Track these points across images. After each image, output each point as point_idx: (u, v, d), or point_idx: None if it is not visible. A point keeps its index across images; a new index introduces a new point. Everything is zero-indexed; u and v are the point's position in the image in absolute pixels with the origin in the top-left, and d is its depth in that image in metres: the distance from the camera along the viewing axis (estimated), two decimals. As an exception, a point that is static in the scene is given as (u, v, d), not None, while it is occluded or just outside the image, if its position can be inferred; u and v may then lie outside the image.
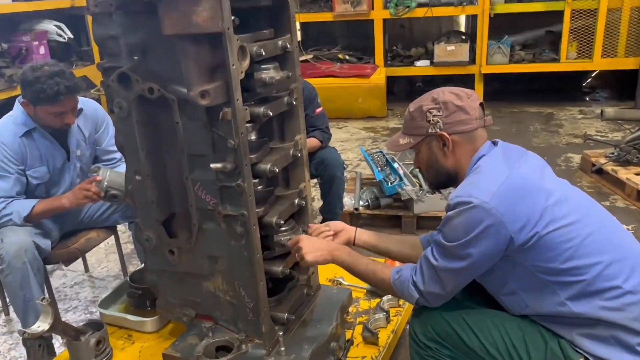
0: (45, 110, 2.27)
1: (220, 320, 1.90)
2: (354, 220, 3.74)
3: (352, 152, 5.36)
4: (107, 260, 3.44)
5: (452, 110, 1.59)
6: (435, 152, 1.64)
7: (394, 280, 1.66)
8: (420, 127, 1.63)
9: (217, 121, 1.59)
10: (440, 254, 1.54)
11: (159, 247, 1.86)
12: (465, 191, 1.50)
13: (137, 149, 1.73)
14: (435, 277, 1.56)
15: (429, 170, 1.70)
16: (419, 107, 1.63)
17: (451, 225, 1.51)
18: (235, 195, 1.67)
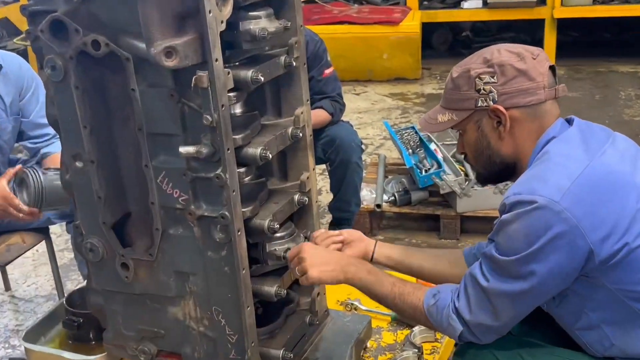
0: None
1: (191, 359, 1.91)
2: (374, 220, 3.76)
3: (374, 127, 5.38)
4: (36, 274, 3.48)
5: (511, 76, 1.58)
6: (487, 132, 1.64)
7: (428, 306, 1.66)
8: (466, 98, 1.63)
9: (188, 89, 1.59)
10: (492, 271, 1.55)
11: (108, 259, 1.87)
12: (527, 186, 1.51)
13: (77, 126, 1.74)
14: (485, 303, 1.57)
15: (477, 158, 1.70)
16: (466, 71, 1.63)
17: (507, 232, 1.51)
18: (213, 189, 1.67)
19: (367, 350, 2.25)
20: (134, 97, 1.66)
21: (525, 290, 1.52)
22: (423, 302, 1.67)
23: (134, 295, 1.89)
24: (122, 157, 1.80)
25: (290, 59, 1.83)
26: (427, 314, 1.66)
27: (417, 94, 6.13)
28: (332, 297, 2.44)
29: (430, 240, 3.63)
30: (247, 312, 1.77)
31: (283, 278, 1.94)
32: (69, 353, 2.20)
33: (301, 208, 2.00)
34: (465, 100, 1.63)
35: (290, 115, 1.94)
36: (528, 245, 1.48)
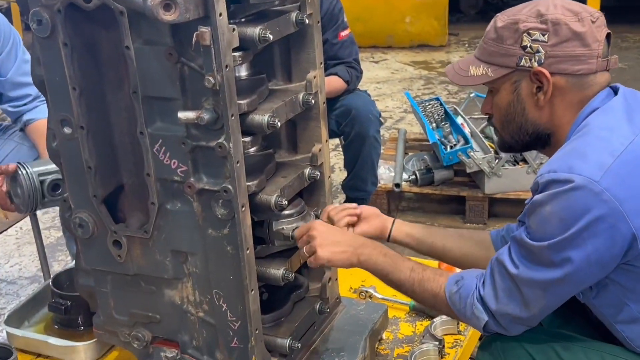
0: None
1: (189, 347, 1.92)
2: (393, 201, 3.77)
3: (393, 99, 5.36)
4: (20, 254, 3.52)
5: (564, 37, 1.56)
6: (524, 97, 1.63)
7: (450, 293, 1.67)
8: (508, 53, 1.61)
9: (188, 47, 1.59)
10: (522, 257, 1.55)
11: (99, 236, 1.88)
12: (563, 163, 1.49)
13: (66, 87, 1.74)
14: (514, 292, 1.57)
15: (506, 124, 1.69)
16: (514, 22, 1.60)
17: (540, 215, 1.50)
18: (215, 160, 1.67)
19: (382, 342, 2.26)
20: (128, 55, 1.66)
21: (559, 278, 1.51)
22: (445, 288, 1.68)
23: (127, 276, 1.90)
24: (114, 123, 1.80)
25: (303, 15, 1.82)
26: (449, 301, 1.67)
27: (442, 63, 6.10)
28: (345, 284, 2.45)
29: (454, 224, 3.64)
30: (251, 297, 1.78)
31: (291, 260, 1.95)
32: (55, 339, 2.25)
33: (312, 183, 2.00)
34: (507, 56, 1.61)
35: (302, 80, 1.94)
36: (563, 230, 1.47)
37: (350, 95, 3.37)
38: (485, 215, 3.60)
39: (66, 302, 2.31)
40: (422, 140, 4.11)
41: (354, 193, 3.54)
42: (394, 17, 6.29)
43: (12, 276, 3.36)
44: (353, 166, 3.45)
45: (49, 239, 3.49)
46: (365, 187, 3.50)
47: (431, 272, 1.73)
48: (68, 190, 1.88)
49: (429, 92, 5.33)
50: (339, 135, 3.46)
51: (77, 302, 2.26)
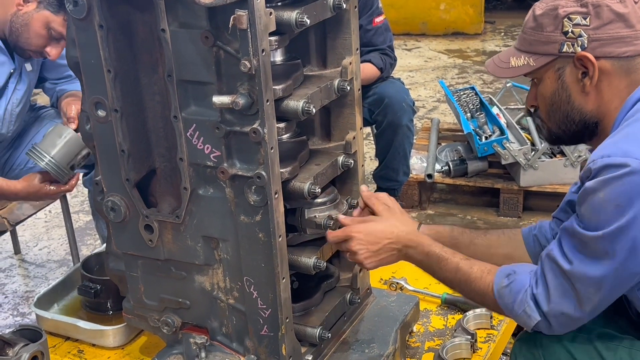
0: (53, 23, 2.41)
1: (218, 334, 1.94)
2: (424, 192, 3.76)
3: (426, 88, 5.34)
4: (48, 237, 3.56)
5: (607, 20, 1.54)
6: (569, 84, 1.61)
7: (499, 287, 1.64)
8: (549, 41, 1.60)
9: (224, 31, 1.60)
10: (575, 251, 1.52)
11: (131, 220, 1.90)
12: (617, 148, 1.47)
13: (101, 70, 1.76)
14: (567, 289, 1.54)
15: (552, 113, 1.67)
16: (553, 8, 1.59)
17: (594, 202, 1.48)
18: (249, 146, 1.69)
19: (413, 334, 2.26)
20: (164, 38, 1.67)
21: (616, 269, 1.49)
22: (493, 284, 1.65)
23: (158, 261, 1.93)
24: (148, 106, 1.82)
25: (340, 0, 1.82)
26: (497, 295, 1.64)
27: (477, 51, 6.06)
28: (376, 275, 2.45)
29: (487, 217, 3.62)
30: (282, 285, 1.79)
31: (323, 249, 1.96)
32: (84, 322, 2.28)
33: (345, 172, 2.01)
34: (548, 44, 1.60)
35: (337, 66, 1.94)
36: (619, 216, 1.45)
37: (383, 83, 3.37)
38: (520, 208, 3.58)
39: (96, 286, 2.34)
40: (455, 130, 4.09)
41: (385, 183, 3.54)
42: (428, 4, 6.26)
43: (41, 259, 3.41)
44: (385, 156, 3.45)
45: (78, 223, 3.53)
46: (397, 177, 3.50)
47: (478, 269, 1.70)
48: (101, 173, 1.90)
49: (464, 82, 5.30)
50: (371, 124, 3.46)
51: (107, 286, 2.30)
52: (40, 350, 2.08)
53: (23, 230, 3.50)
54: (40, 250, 3.46)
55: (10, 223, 2.66)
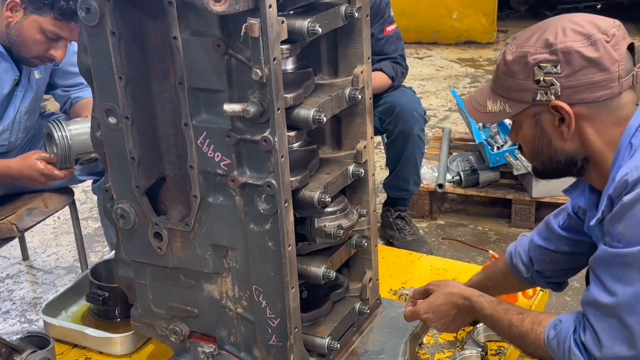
0: (44, 25, 2.41)
1: (226, 343, 1.95)
2: (435, 202, 3.76)
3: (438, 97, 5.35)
4: (57, 243, 3.58)
5: (578, 66, 1.49)
6: (548, 130, 1.58)
7: (549, 339, 1.62)
8: (522, 89, 1.56)
9: (236, 39, 1.61)
10: (616, 279, 1.47)
11: (140, 227, 1.91)
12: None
13: (112, 77, 1.77)
14: (616, 327, 1.48)
15: (535, 155, 1.65)
16: (522, 55, 1.55)
17: (634, 217, 1.43)
18: (259, 154, 1.69)
19: (422, 346, 2.26)
20: (176, 46, 1.68)
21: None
22: (544, 337, 1.64)
23: (167, 269, 1.93)
24: (159, 114, 1.83)
25: (352, 9, 1.83)
26: (549, 348, 1.63)
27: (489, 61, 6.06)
28: (385, 285, 2.45)
29: (499, 228, 3.62)
30: (291, 294, 1.79)
31: (332, 259, 1.96)
32: (92, 330, 2.29)
33: (356, 181, 2.01)
34: (522, 92, 1.56)
35: (348, 75, 1.94)
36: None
37: (394, 92, 3.37)
38: (532, 219, 3.57)
39: (104, 293, 2.35)
40: (467, 140, 4.09)
41: (395, 192, 3.55)
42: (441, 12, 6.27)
43: (49, 266, 3.43)
44: (395, 165, 3.45)
45: (86, 230, 3.55)
46: (408, 187, 3.50)
47: (529, 322, 1.69)
48: (111, 180, 1.91)
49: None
50: (382, 133, 3.46)
51: (115, 294, 2.30)
52: (47, 357, 2.09)
53: (31, 237, 3.52)
54: (48, 257, 3.47)
55: (19, 229, 2.67)
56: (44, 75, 2.69)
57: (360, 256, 2.12)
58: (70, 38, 2.49)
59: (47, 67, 2.69)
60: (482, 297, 1.84)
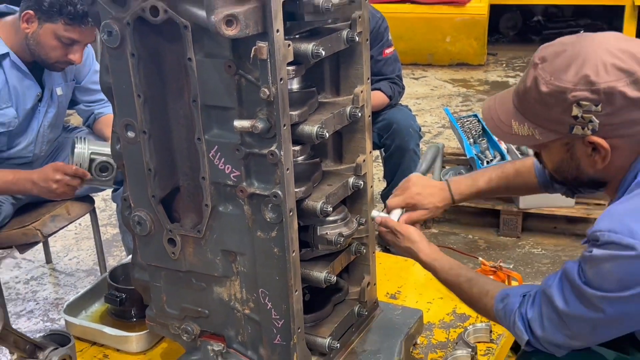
0: (58, 31, 2.41)
1: (234, 342, 1.95)
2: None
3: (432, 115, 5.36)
4: (78, 248, 3.59)
5: (620, 106, 1.40)
6: (579, 157, 1.51)
7: (497, 310, 1.69)
8: (558, 121, 1.45)
9: (246, 60, 1.62)
10: (574, 296, 1.49)
11: (155, 234, 1.92)
12: (624, 226, 1.40)
13: (131, 94, 1.78)
14: (561, 325, 1.53)
15: (559, 173, 1.59)
16: (560, 92, 1.42)
17: (599, 269, 1.43)
18: (266, 167, 1.70)
19: (416, 346, 2.26)
20: (190, 67, 1.69)
21: (609, 321, 1.47)
22: (493, 307, 1.70)
23: (180, 272, 1.94)
24: (174, 129, 1.84)
25: (353, 33, 1.84)
26: (497, 317, 1.69)
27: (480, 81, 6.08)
28: (382, 289, 2.45)
29: (488, 236, 3.62)
30: (295, 297, 1.80)
31: (333, 264, 1.96)
32: (110, 328, 2.29)
33: (355, 192, 2.02)
34: (557, 123, 1.46)
35: (349, 94, 1.95)
36: (620, 290, 1.41)
37: (392, 110, 3.38)
38: (519, 229, 3.57)
39: (121, 295, 2.36)
40: (459, 154, 4.09)
41: (392, 203, 3.54)
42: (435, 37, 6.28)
43: (70, 269, 3.43)
44: (392, 177, 3.46)
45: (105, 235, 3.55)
46: (404, 198, 3.50)
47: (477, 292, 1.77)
48: (129, 190, 1.92)
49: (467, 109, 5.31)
50: (380, 148, 3.47)
51: (132, 295, 2.31)
52: (68, 354, 2.09)
53: (54, 242, 3.53)
54: (70, 260, 3.48)
55: (43, 234, 2.68)
56: (66, 92, 2.70)
57: (359, 262, 2.13)
58: (84, 41, 2.49)
59: (69, 84, 2.70)
60: (435, 261, 1.88)
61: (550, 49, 1.48)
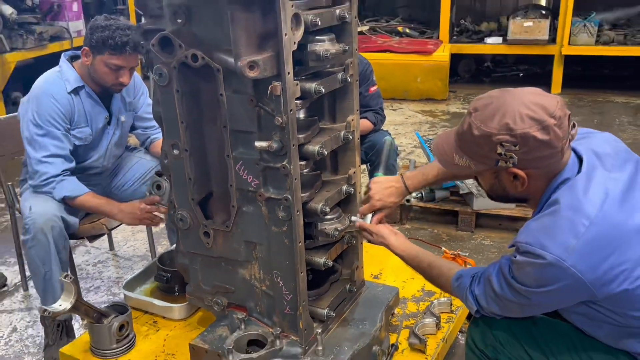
0: (107, 60, 2.40)
1: (254, 311, 1.95)
2: (404, 212, 3.75)
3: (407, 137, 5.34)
4: (134, 238, 3.57)
5: (532, 146, 1.40)
6: (504, 182, 1.51)
7: (453, 287, 1.70)
8: (486, 156, 1.46)
9: (264, 96, 1.63)
10: (506, 285, 1.51)
11: (193, 228, 1.92)
12: (537, 239, 1.41)
13: (176, 121, 1.79)
14: (497, 301, 1.56)
15: (491, 192, 1.60)
16: (487, 135, 1.42)
17: (520, 271, 1.45)
18: (279, 177, 1.70)
19: (394, 315, 2.26)
20: (222, 100, 1.70)
21: (531, 305, 1.50)
22: (450, 285, 1.71)
23: (212, 257, 1.94)
24: (209, 148, 1.85)
25: (346, 75, 1.85)
26: (453, 291, 1.70)
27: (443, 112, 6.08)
28: (367, 271, 2.45)
29: (449, 231, 3.60)
30: (300, 277, 1.80)
31: (330, 252, 1.96)
32: (158, 301, 2.29)
33: (347, 196, 2.02)
34: (486, 158, 1.46)
35: (343, 121, 1.96)
36: (537, 286, 1.44)
37: (376, 134, 3.37)
38: (473, 225, 3.56)
39: (167, 275, 2.36)
40: (427, 168, 4.08)
41: (375, 205, 3.53)
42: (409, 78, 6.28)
43: (128, 254, 3.42)
44: (376, 186, 3.44)
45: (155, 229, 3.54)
46: (384, 201, 3.49)
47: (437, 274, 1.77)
48: (174, 194, 1.92)
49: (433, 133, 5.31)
50: (366, 163, 3.46)
51: (175, 275, 2.31)
52: (126, 320, 2.10)
53: (116, 233, 3.51)
54: (128, 248, 3.46)
55: (108, 228, 2.68)
56: (127, 119, 2.70)
57: (350, 250, 2.13)
58: (128, 65, 2.44)
59: (130, 113, 2.70)
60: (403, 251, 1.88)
61: (481, 102, 1.48)
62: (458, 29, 6.96)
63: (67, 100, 2.46)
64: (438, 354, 2.11)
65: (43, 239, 2.33)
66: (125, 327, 2.08)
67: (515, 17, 6.34)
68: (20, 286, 3.04)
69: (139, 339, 2.16)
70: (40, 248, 2.34)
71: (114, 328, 2.05)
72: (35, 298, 2.92)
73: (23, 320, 2.80)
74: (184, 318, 2.27)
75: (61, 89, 2.45)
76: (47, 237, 2.33)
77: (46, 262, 2.35)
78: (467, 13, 7.23)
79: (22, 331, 2.73)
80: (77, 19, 6.03)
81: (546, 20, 6.19)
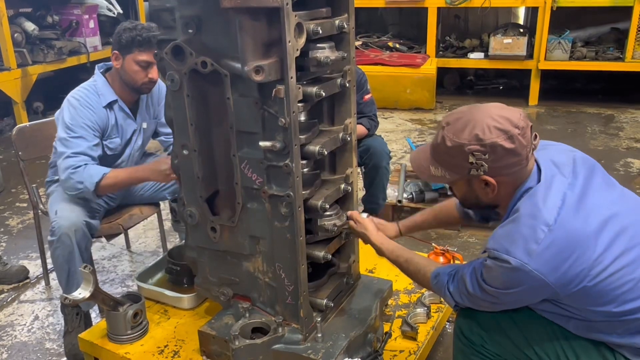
0: (136, 58, 2.35)
1: (257, 301, 1.92)
2: (396, 212, 3.72)
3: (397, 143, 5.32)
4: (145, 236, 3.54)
5: (500, 154, 1.42)
6: (476, 190, 1.52)
7: (432, 284, 1.68)
8: (459, 166, 1.47)
9: (269, 99, 1.60)
10: (477, 286, 1.51)
11: (201, 223, 1.89)
12: (502, 246, 1.42)
13: (186, 123, 1.76)
14: (470, 298, 1.55)
15: (464, 201, 1.61)
16: (460, 146, 1.44)
17: (490, 273, 1.46)
18: (282, 175, 1.68)
19: (388, 306, 2.23)
20: (228, 103, 1.68)
21: (500, 304, 1.51)
22: (429, 282, 1.68)
23: (219, 251, 1.91)
24: (216, 148, 1.82)
25: (344, 81, 1.83)
26: (433, 287, 1.68)
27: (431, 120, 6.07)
28: (363, 265, 2.42)
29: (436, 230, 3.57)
30: (301, 269, 1.77)
31: (329, 246, 1.93)
32: (168, 291, 2.26)
33: (345, 195, 1.99)
34: (459, 168, 1.47)
35: (341, 124, 1.94)
36: (504, 288, 1.45)
37: (370, 139, 3.34)
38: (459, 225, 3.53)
39: (177, 268, 2.33)
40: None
41: (369, 205, 3.50)
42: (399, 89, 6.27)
43: (140, 250, 3.39)
44: (370, 187, 3.42)
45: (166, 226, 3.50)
46: (378, 202, 3.46)
47: (414, 270, 1.74)
48: (183, 192, 1.89)
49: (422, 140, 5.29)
50: (361, 165, 3.43)
51: (184, 268, 2.28)
52: (140, 308, 2.07)
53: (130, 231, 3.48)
54: (140, 244, 3.42)
55: (124, 228, 2.65)
56: (149, 126, 2.65)
57: (347, 245, 2.10)
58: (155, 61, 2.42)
59: (152, 121, 2.65)
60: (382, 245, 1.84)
61: (453, 116, 1.49)
62: (444, 44, 6.96)
63: (103, 112, 2.43)
64: (428, 341, 2.08)
65: (67, 241, 2.31)
66: (139, 315, 2.06)
67: (495, 35, 6.35)
68: (42, 278, 3.01)
69: (151, 327, 2.13)
70: (65, 249, 2.32)
71: (128, 315, 2.02)
72: (55, 290, 2.90)
73: (44, 309, 2.78)
74: (193, 307, 2.24)
75: (97, 102, 2.42)
76: (71, 240, 2.31)
77: (70, 261, 2.34)
78: (452, 30, 7.23)
79: (44, 319, 2.70)
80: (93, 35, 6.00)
81: (524, 37, 6.20)
